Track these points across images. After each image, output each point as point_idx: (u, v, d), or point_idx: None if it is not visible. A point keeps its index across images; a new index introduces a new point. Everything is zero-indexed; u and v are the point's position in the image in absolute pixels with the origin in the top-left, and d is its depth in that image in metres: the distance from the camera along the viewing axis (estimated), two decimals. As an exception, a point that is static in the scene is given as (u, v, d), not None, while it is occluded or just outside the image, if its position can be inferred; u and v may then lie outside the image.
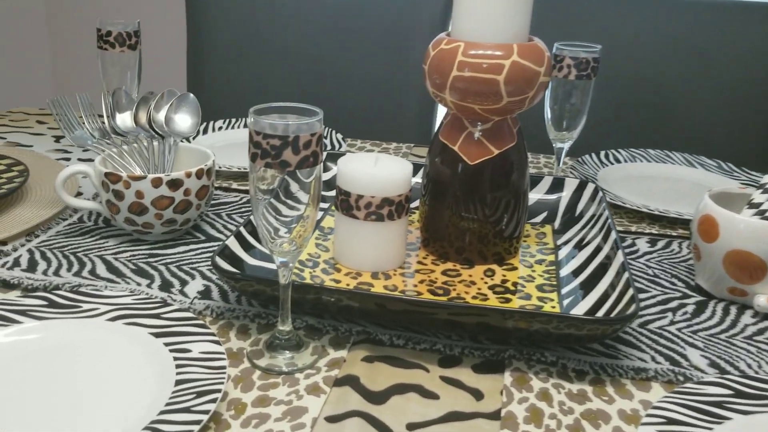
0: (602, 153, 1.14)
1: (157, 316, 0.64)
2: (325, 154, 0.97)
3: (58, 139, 1.17)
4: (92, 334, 0.63)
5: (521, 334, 0.63)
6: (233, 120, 1.23)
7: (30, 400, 0.55)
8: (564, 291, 0.73)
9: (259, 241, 0.76)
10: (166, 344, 0.61)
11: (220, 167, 1.01)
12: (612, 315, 0.64)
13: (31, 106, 1.35)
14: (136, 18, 1.03)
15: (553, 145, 0.98)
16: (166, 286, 0.73)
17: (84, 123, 0.86)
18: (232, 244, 0.71)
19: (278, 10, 1.43)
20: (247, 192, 0.98)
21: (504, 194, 0.77)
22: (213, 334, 0.61)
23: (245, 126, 1.22)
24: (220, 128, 1.21)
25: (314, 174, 0.57)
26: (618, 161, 1.13)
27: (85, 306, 0.66)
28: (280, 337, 0.63)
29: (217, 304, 0.70)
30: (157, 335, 0.62)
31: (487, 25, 0.72)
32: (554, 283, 0.74)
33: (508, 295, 0.72)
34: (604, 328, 0.60)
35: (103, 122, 0.88)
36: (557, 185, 0.92)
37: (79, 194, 0.95)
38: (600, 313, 0.66)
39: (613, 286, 0.69)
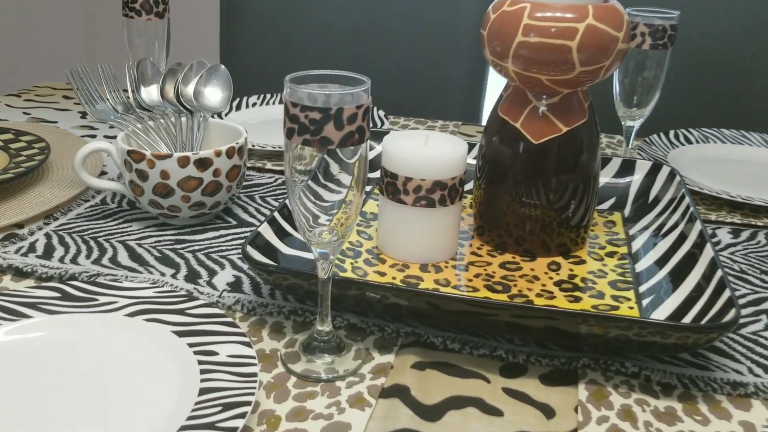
0: (671, 132, 1.03)
1: (181, 312, 0.57)
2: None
3: (84, 115, 1.11)
4: (107, 330, 0.56)
5: (596, 341, 0.54)
6: (268, 96, 1.15)
7: (29, 408, 0.48)
8: (642, 289, 0.64)
9: (295, 228, 0.68)
10: (191, 345, 0.53)
11: (253, 146, 0.94)
12: (704, 321, 0.55)
13: (60, 80, 1.29)
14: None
15: (622, 123, 0.88)
16: (192, 276, 0.65)
17: (107, 96, 0.79)
18: (266, 231, 0.64)
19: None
20: (282, 173, 0.90)
21: (572, 177, 0.68)
22: (243, 335, 0.54)
23: (281, 102, 1.15)
24: (254, 104, 1.13)
25: (359, 153, 0.49)
26: (689, 142, 1.02)
27: (102, 299, 0.59)
28: (319, 339, 0.55)
29: (248, 297, 0.62)
30: (180, 334, 0.55)
31: (558, -17, 0.63)
32: (629, 279, 0.65)
33: (578, 293, 0.63)
34: (697, 337, 0.51)
35: (128, 96, 0.81)
36: (627, 168, 0.82)
37: (103, 173, 0.89)
38: (688, 318, 0.57)
39: (702, 284, 0.59)
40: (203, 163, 0.71)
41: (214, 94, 0.81)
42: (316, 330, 0.55)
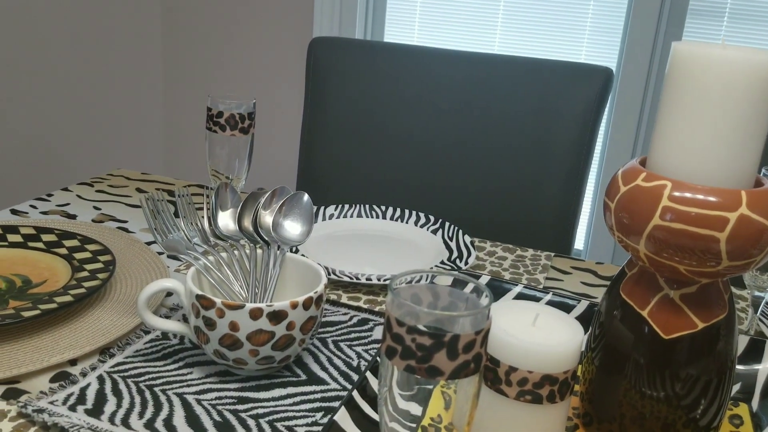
0: (795, 292, 0.92)
1: None
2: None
3: (155, 214, 1.06)
4: None
5: None
6: (346, 207, 1.09)
7: None
8: None
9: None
10: None
11: (329, 275, 0.86)
12: None
13: (135, 169, 1.26)
14: (252, 94, 0.90)
15: (749, 292, 0.78)
16: (254, 457, 0.57)
17: (180, 224, 0.74)
18: (343, 419, 0.55)
19: (402, 92, 1.29)
20: (359, 309, 0.82)
21: (704, 372, 0.57)
22: None
23: (359, 215, 1.08)
24: (331, 216, 1.07)
25: (473, 384, 0.40)
26: (816, 305, 0.90)
27: (151, 490, 0.51)
28: None
29: (316, 497, 0.53)
30: None
31: (704, 160, 0.54)
32: None
33: None
34: None
35: (201, 224, 0.75)
36: (755, 349, 0.71)
37: (169, 294, 0.82)
38: None
39: None
40: (277, 316, 0.63)
41: (294, 228, 0.74)
42: None
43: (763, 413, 0.66)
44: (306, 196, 0.76)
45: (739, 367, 0.70)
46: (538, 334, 0.57)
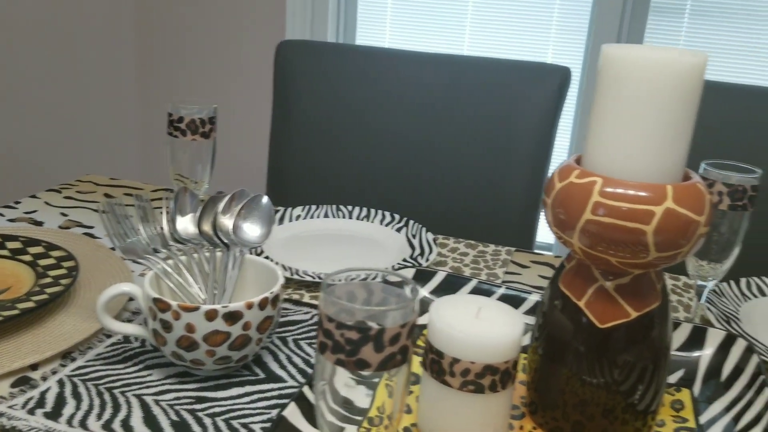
0: (743, 281, 0.95)
1: None
2: (413, 271, 0.83)
3: (122, 219, 1.07)
4: None
5: None
6: (313, 208, 1.10)
7: None
8: None
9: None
10: None
11: (292, 274, 0.88)
12: None
13: (105, 174, 1.27)
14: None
15: (692, 281, 0.81)
16: (209, 453, 0.59)
17: (140, 228, 0.75)
18: (292, 414, 0.57)
19: (369, 93, 1.32)
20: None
21: (640, 359, 0.60)
22: None
23: (326, 216, 1.10)
24: (298, 217, 1.08)
25: (401, 374, 0.42)
26: (763, 293, 0.94)
27: (106, 487, 0.53)
28: None
29: (267, 489, 0.55)
30: None
31: (633, 157, 0.57)
32: (704, 493, 0.57)
33: None
34: None
35: (162, 228, 0.76)
36: (697, 337, 0.74)
37: (132, 299, 0.84)
38: None
39: None
40: (232, 317, 0.65)
41: (253, 230, 0.76)
42: None
43: (703, 398, 0.69)
44: (265, 199, 0.77)
45: (681, 353, 0.73)
46: (481, 325, 0.59)
